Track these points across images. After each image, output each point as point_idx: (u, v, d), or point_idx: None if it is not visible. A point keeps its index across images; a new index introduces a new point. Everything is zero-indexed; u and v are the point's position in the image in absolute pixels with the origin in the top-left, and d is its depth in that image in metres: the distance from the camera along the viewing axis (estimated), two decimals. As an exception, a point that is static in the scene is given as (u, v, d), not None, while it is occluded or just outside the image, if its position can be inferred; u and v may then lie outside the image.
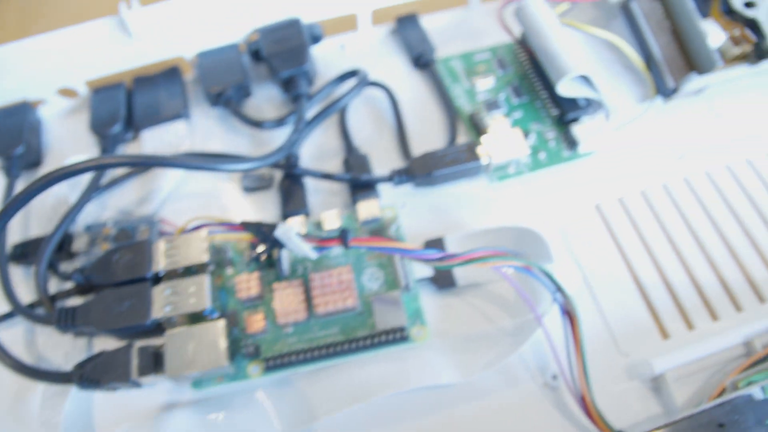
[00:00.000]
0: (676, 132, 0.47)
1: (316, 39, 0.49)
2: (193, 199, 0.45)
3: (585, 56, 0.45)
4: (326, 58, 0.51)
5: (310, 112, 0.47)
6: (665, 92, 0.45)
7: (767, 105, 0.49)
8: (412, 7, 0.53)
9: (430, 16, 0.53)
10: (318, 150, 0.47)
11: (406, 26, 0.51)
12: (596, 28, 0.47)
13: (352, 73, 0.48)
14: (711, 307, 0.40)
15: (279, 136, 0.47)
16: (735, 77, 0.46)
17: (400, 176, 0.43)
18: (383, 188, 0.44)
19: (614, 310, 0.39)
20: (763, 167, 0.46)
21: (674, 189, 0.45)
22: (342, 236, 0.35)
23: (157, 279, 0.36)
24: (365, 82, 0.47)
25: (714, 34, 0.45)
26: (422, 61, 0.49)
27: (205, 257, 0.37)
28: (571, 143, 0.44)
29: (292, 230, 0.35)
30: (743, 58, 0.48)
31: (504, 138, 0.43)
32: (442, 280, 0.40)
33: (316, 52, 0.51)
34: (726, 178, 0.46)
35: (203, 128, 0.48)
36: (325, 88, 0.48)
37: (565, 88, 0.43)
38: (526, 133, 0.45)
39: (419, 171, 0.43)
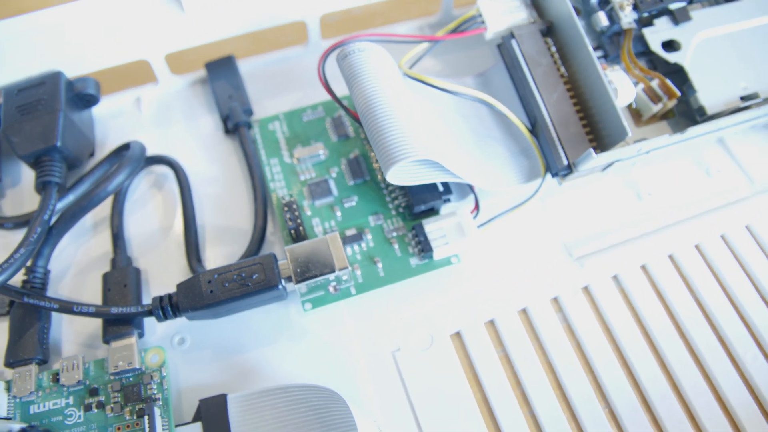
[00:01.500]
0: (573, 223, 0.34)
1: (87, 99, 0.35)
2: None
3: (433, 126, 0.31)
4: (115, 121, 0.37)
5: (63, 204, 0.33)
6: (558, 170, 0.32)
7: (696, 181, 0.36)
8: (233, 46, 0.39)
9: (252, 60, 0.39)
10: (87, 257, 0.33)
11: (218, 74, 0.37)
12: (456, 83, 0.33)
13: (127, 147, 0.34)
14: None
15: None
16: (652, 148, 0.33)
17: (162, 309, 0.29)
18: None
19: None
20: (693, 268, 0.33)
21: (569, 307, 0.32)
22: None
23: None
24: (138, 163, 0.33)
25: (623, 87, 0.32)
26: (232, 123, 0.35)
27: None
28: (423, 247, 0.31)
29: None
30: (664, 117, 0.35)
31: (317, 249, 0.29)
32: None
33: (101, 112, 0.37)
34: (639, 287, 0.33)
35: None
36: (96, 169, 0.34)
37: (399, 176, 0.29)
38: (360, 232, 0.32)
39: (187, 302, 0.29)
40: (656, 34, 0.34)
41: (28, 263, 0.31)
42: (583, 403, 0.30)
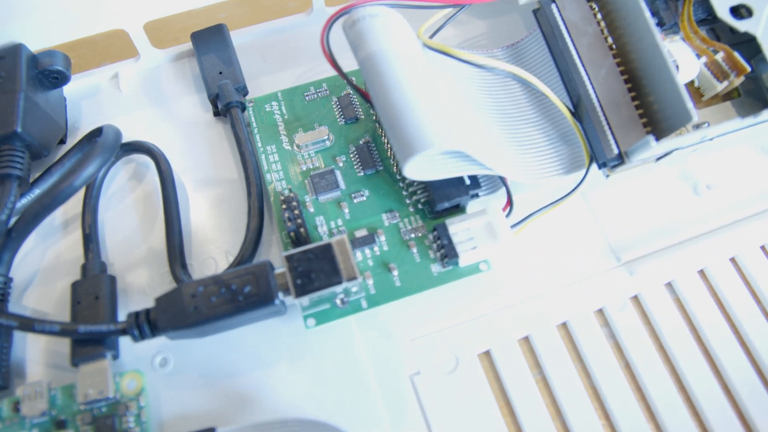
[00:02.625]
0: (621, 222, 0.29)
1: (55, 77, 0.30)
2: None
3: (458, 109, 0.26)
4: (90, 101, 0.32)
5: (27, 201, 0.28)
6: (606, 160, 0.27)
7: (762, 172, 0.31)
8: (224, 12, 0.34)
9: (247, 30, 0.33)
10: (56, 261, 0.29)
11: (206, 46, 0.32)
12: (485, 56, 0.28)
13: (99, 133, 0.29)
14: None
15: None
16: (719, 134, 0.28)
17: (138, 328, 0.24)
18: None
19: None
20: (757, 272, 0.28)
21: (617, 320, 0.27)
22: None
23: None
24: (111, 151, 0.28)
25: (685, 61, 0.27)
26: (223, 104, 0.30)
27: None
28: (447, 252, 0.26)
29: None
30: (727, 97, 0.30)
31: (322, 255, 0.25)
32: None
33: (73, 91, 0.32)
34: (701, 299, 0.28)
35: None
36: (64, 159, 0.29)
37: (419, 170, 0.25)
38: (372, 233, 0.27)
39: (167, 320, 0.24)
40: (723, -2, 0.29)
41: (-15, 271, 0.26)
42: (633, 434, 0.25)
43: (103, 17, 0.30)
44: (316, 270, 0.25)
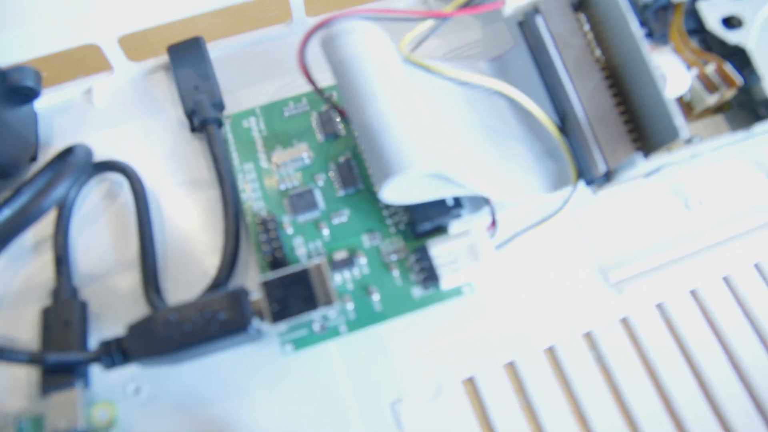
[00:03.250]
0: (610, 241, 0.29)
1: (24, 93, 0.29)
2: None
3: (439, 127, 0.25)
4: (62, 116, 0.31)
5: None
6: (593, 177, 0.26)
7: (755, 186, 0.30)
8: (204, 23, 0.33)
9: (224, 42, 0.33)
10: (26, 285, 0.28)
11: (182, 60, 0.31)
12: (468, 70, 0.27)
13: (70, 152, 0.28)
14: None
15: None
16: (710, 149, 0.27)
17: (110, 355, 0.24)
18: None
19: None
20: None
21: (606, 343, 0.26)
22: None
23: None
24: (81, 171, 0.27)
25: (674, 74, 0.26)
26: (199, 120, 0.29)
27: None
28: (428, 274, 0.25)
29: None
30: (718, 109, 0.29)
31: (298, 280, 0.24)
32: None
33: (45, 106, 0.31)
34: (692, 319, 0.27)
35: None
36: (35, 179, 0.28)
37: (396, 193, 0.24)
38: (352, 256, 0.26)
39: (139, 348, 0.23)
40: (713, 9, 0.28)
41: (-49, 296, 0.26)
42: (623, 464, 0.24)
43: (76, 32, 0.29)
44: (293, 295, 0.24)
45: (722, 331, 0.27)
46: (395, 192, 0.23)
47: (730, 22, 0.28)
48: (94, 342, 0.25)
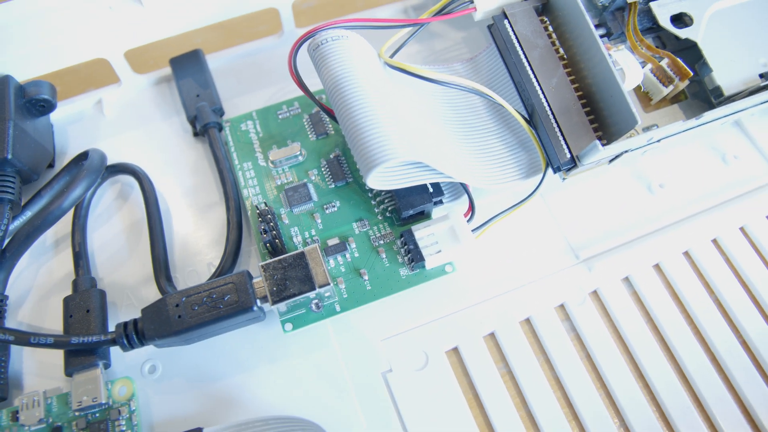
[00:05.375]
0: (579, 222, 0.31)
1: (42, 105, 0.32)
2: None
3: (419, 122, 0.28)
4: (75, 126, 0.34)
5: (19, 223, 0.30)
6: (560, 164, 0.29)
7: (711, 169, 0.33)
8: (200, 37, 0.36)
9: (222, 54, 0.35)
10: (48, 278, 0.30)
11: (183, 71, 0.34)
12: (445, 71, 0.30)
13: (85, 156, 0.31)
14: None
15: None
16: (664, 136, 0.29)
17: (127, 337, 0.26)
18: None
19: None
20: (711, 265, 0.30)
21: (577, 314, 0.29)
22: None
23: None
24: (96, 174, 0.30)
25: (629, 69, 0.29)
26: (201, 125, 0.32)
27: None
28: (414, 256, 0.28)
29: None
30: (675, 99, 0.32)
31: (295, 264, 0.27)
32: None
33: (59, 117, 0.34)
34: (656, 292, 0.30)
35: None
36: (53, 182, 0.31)
37: (381, 181, 0.26)
38: (344, 241, 0.29)
39: (153, 329, 0.26)
40: (664, 8, 0.31)
41: (-18, 290, 0.28)
42: (594, 421, 0.27)
43: (85, 47, 0.32)
44: (291, 278, 0.26)
45: (684, 301, 0.30)
46: (380, 180, 0.26)
47: (681, 20, 0.31)
48: (112, 327, 0.28)
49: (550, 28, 0.30)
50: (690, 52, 0.31)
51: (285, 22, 0.34)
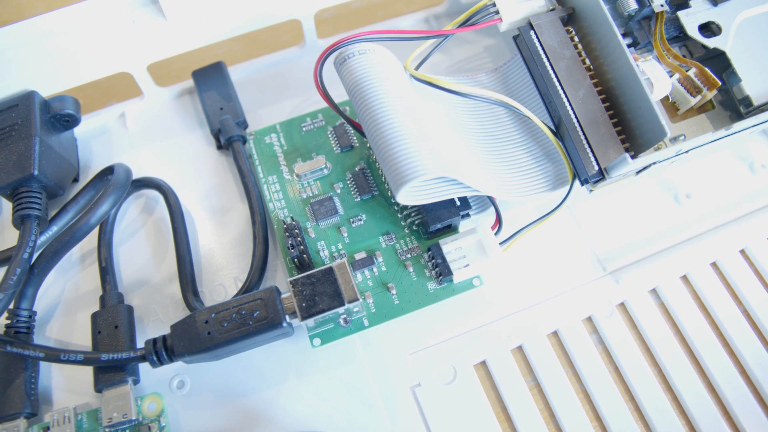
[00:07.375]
0: (606, 234, 0.31)
1: (66, 120, 0.32)
2: None
3: (446, 136, 0.28)
4: (99, 140, 0.34)
5: (46, 238, 0.30)
6: (588, 177, 0.29)
7: (739, 178, 0.32)
8: (222, 48, 0.36)
9: (244, 66, 0.35)
10: (75, 294, 0.30)
11: (206, 83, 0.34)
12: (469, 82, 0.30)
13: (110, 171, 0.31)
14: None
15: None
16: (693, 147, 0.29)
17: (156, 354, 0.26)
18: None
19: None
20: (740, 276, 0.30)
21: (605, 327, 0.29)
22: None
23: None
24: (123, 189, 0.30)
25: (657, 79, 0.29)
26: (225, 138, 0.32)
27: None
28: (441, 270, 0.28)
29: None
30: (702, 109, 0.32)
31: (324, 279, 0.26)
32: None
33: (83, 131, 0.34)
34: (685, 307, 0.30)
35: None
36: (79, 197, 0.31)
37: (411, 196, 0.26)
38: (371, 255, 0.29)
39: (183, 346, 0.26)
40: (692, 17, 0.31)
41: (11, 306, 0.28)
42: (625, 436, 0.27)
43: (109, 62, 0.32)
44: (319, 293, 0.26)
45: (712, 312, 0.30)
46: (409, 196, 0.26)
47: (710, 28, 0.31)
48: (140, 343, 0.28)
49: (576, 39, 0.30)
50: (717, 60, 0.31)
51: (307, 32, 0.34)
